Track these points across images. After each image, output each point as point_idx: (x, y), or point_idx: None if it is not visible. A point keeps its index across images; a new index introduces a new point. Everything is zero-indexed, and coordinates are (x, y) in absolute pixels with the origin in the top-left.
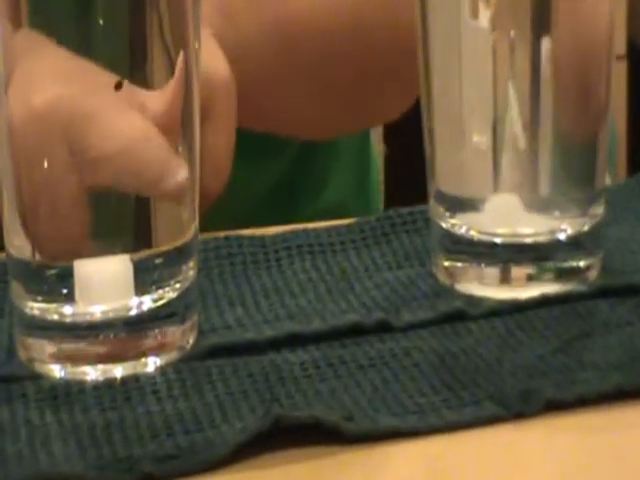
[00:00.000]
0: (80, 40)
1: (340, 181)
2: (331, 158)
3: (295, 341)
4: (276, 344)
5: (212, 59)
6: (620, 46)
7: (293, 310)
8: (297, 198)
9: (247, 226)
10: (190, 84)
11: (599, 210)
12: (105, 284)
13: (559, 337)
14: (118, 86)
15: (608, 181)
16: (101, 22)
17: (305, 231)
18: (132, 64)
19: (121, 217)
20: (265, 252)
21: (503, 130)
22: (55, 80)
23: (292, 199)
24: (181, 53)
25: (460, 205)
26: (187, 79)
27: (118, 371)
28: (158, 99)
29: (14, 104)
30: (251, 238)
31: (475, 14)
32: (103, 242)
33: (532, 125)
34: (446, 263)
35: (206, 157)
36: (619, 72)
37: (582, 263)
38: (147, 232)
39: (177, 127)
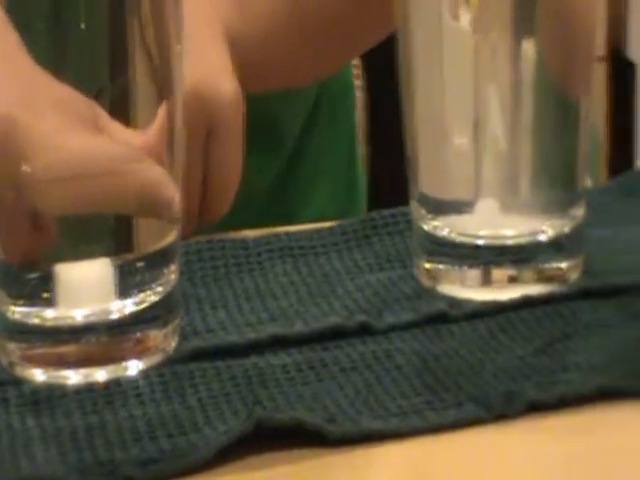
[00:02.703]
0: (60, 46)
1: (328, 189)
2: (317, 168)
3: (277, 344)
4: (258, 347)
5: (220, 75)
6: (600, 48)
7: (275, 313)
8: (285, 207)
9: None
10: (171, 91)
11: (580, 212)
12: (87, 288)
13: (541, 338)
14: (99, 94)
15: (589, 183)
16: (82, 26)
17: (287, 234)
18: (112, 69)
19: (102, 221)
20: (247, 255)
21: (485, 132)
22: (7, 96)
23: (281, 207)
24: (164, 103)
25: (442, 207)
26: (168, 87)
27: (100, 375)
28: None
29: None
30: (233, 241)
31: (456, 16)
32: (85, 246)
33: (513, 127)
34: (428, 265)
35: (215, 175)
36: (599, 74)
37: (563, 265)
38: (129, 236)
39: (161, 151)
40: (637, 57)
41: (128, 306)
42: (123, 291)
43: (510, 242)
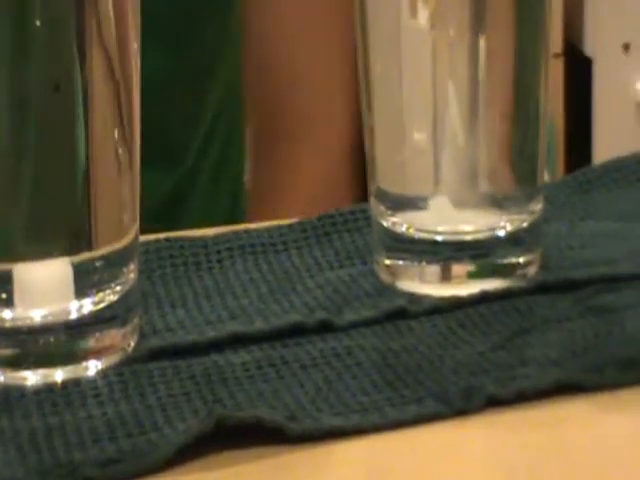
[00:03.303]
0: (17, 41)
1: (222, 207)
2: (212, 187)
3: (237, 342)
4: (218, 345)
5: None
6: (557, 44)
7: (235, 311)
8: (178, 225)
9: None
10: (129, 86)
11: (538, 206)
12: (45, 288)
13: (499, 334)
14: (57, 88)
15: (547, 178)
16: (38, 23)
17: (247, 231)
18: (69, 66)
19: (60, 219)
20: (207, 253)
21: (443, 128)
22: None
23: (174, 225)
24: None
25: (400, 203)
26: (126, 81)
27: (59, 375)
28: None
29: None
30: (192, 240)
31: (414, 13)
32: (42, 245)
33: (471, 123)
34: (387, 261)
35: None
36: (556, 70)
37: (521, 259)
38: (87, 234)
39: None
40: (593, 53)
41: (86, 305)
42: (81, 290)
43: (468, 237)
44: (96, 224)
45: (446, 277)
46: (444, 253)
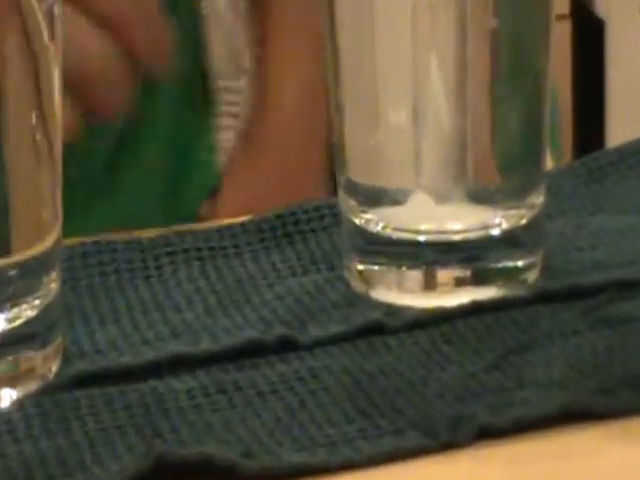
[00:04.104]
0: None
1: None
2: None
3: (181, 365)
4: (158, 369)
5: None
6: (563, 3)
7: (178, 327)
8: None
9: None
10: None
11: (539, 200)
12: None
13: (493, 351)
14: None
15: (550, 165)
16: None
17: (192, 232)
18: None
19: None
20: (143, 259)
21: (425, 108)
22: None
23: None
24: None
25: (375, 197)
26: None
27: None
28: None
29: None
30: (126, 242)
31: None
32: None
33: (458, 101)
34: (360, 267)
35: None
36: (562, 34)
37: (520, 263)
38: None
39: None
40: (606, 14)
41: None
42: None
43: (457, 238)
44: (10, 225)
45: (430, 285)
46: (428, 256)
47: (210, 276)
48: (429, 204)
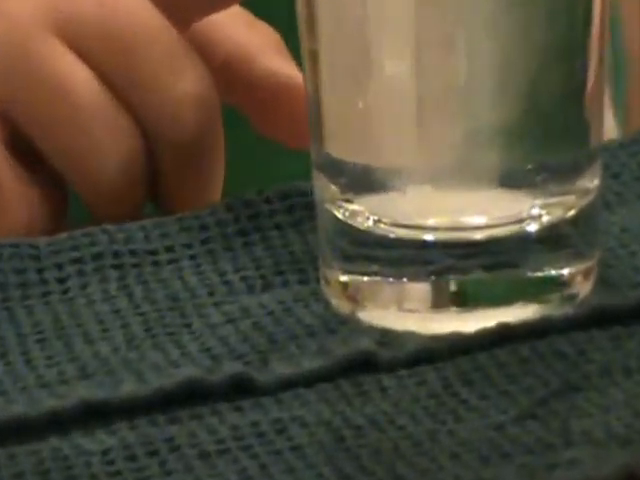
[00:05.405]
0: None
1: None
2: None
3: (93, 416)
4: (61, 422)
5: None
6: None
7: (89, 364)
8: None
9: None
10: None
11: (593, 183)
12: None
13: (529, 394)
14: None
15: (612, 133)
16: None
17: (106, 232)
18: None
19: None
20: (39, 269)
21: (431, 60)
22: None
23: None
24: None
25: (365, 181)
26: None
27: None
28: None
29: None
30: (16, 247)
31: None
32: None
33: (477, 50)
34: (344, 277)
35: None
36: None
37: (566, 271)
38: None
39: None
40: None
41: None
42: None
43: (479, 236)
44: None
45: (441, 302)
46: (438, 262)
47: (133, 292)
48: (439, 190)
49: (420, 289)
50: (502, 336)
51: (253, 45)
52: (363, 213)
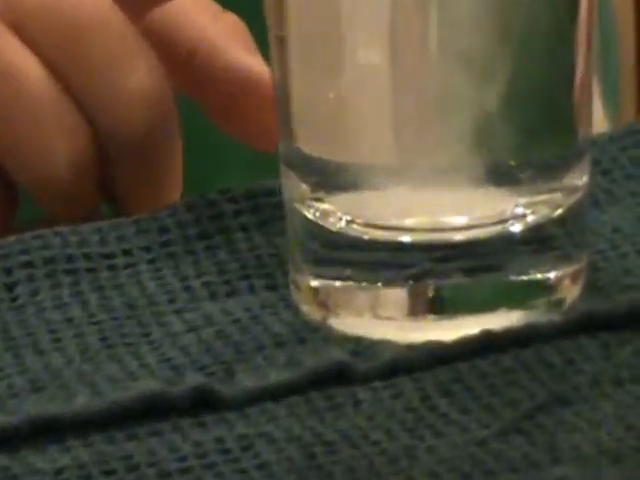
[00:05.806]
0: None
1: None
2: None
3: (44, 432)
4: (12, 439)
5: None
6: None
7: (40, 377)
8: None
9: None
10: None
11: (581, 180)
12: None
13: (513, 407)
14: None
15: (601, 127)
16: None
17: (59, 234)
18: None
19: None
20: None
21: (408, 46)
22: None
23: None
24: None
25: (337, 178)
26: None
27: None
28: None
29: None
30: None
31: None
32: None
33: (459, 35)
34: (315, 282)
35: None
36: None
37: (552, 275)
38: None
39: None
40: None
41: None
42: None
43: (460, 237)
44: None
45: (419, 308)
46: (415, 265)
47: (88, 299)
48: (417, 188)
49: (396, 295)
50: (484, 345)
51: (219, 37)
52: (335, 213)
